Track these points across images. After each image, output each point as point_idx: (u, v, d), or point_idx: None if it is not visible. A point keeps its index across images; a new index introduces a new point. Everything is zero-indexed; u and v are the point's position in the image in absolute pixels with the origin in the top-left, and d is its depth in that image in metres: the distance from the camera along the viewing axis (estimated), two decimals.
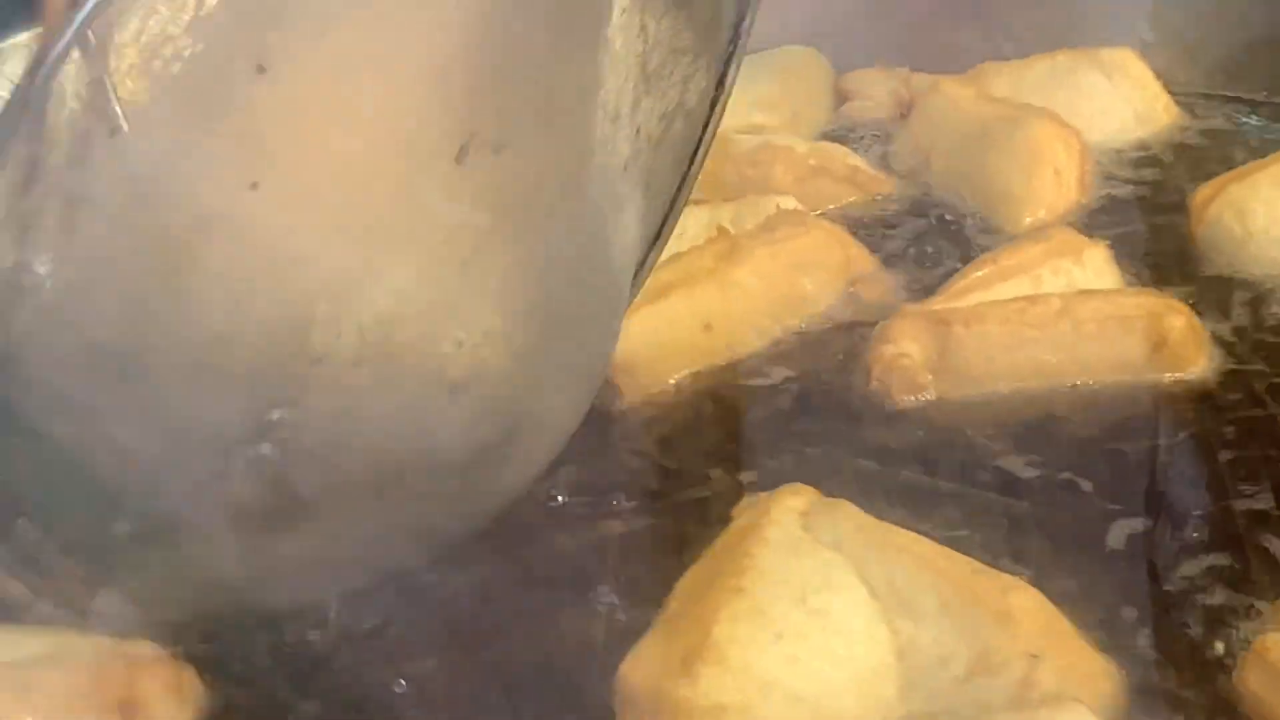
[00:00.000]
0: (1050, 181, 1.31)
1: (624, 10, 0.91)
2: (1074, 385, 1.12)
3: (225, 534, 0.87)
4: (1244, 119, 1.39)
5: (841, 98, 1.49)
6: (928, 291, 1.20)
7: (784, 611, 0.86)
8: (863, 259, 1.25)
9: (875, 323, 1.16)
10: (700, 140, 1.02)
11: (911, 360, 1.12)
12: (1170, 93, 1.44)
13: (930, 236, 1.31)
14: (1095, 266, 1.20)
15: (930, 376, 1.12)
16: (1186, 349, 1.13)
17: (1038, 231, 1.25)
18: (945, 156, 1.39)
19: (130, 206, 0.76)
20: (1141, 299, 1.15)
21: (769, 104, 1.47)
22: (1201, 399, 1.11)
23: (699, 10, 0.97)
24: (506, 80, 0.84)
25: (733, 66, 1.01)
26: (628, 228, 0.97)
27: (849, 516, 0.92)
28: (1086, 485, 1.03)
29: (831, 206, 1.35)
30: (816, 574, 0.88)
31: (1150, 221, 1.32)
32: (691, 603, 0.89)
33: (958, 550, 0.92)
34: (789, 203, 1.29)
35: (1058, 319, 1.12)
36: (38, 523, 0.85)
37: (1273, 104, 1.37)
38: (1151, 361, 1.12)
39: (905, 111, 1.46)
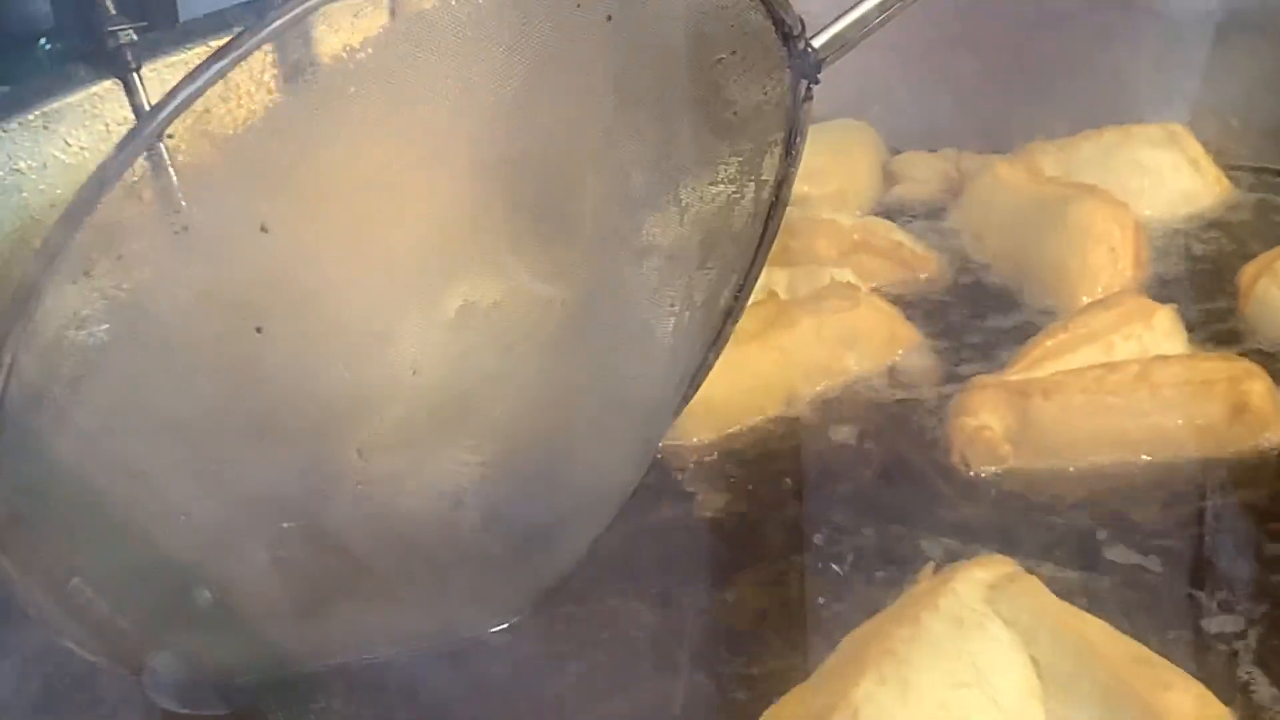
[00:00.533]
0: (1105, 259, 1.31)
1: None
2: (1154, 457, 1.11)
3: (278, 596, 0.88)
4: None
5: (892, 180, 1.49)
6: (988, 368, 1.20)
7: (931, 681, 0.86)
8: (909, 336, 1.26)
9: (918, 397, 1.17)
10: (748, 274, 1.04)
11: (993, 432, 1.11)
12: (1220, 165, 1.44)
13: (989, 313, 1.31)
14: (1165, 330, 1.20)
15: (1010, 448, 1.11)
16: (1267, 413, 1.11)
17: (1106, 298, 1.25)
18: (999, 236, 1.39)
19: (197, 279, 0.78)
20: (1219, 363, 1.15)
21: (817, 176, 1.46)
22: None
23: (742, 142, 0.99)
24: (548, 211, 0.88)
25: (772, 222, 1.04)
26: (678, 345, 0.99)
27: (1032, 592, 0.92)
28: (1175, 567, 1.02)
29: (875, 284, 1.34)
30: (981, 649, 0.88)
31: (1202, 296, 1.31)
32: (846, 659, 0.89)
33: None
34: (844, 275, 1.29)
35: (1136, 385, 1.11)
36: (90, 581, 0.85)
37: None
38: (1233, 427, 1.11)
39: (956, 192, 1.46)
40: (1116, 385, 1.11)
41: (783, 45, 0.97)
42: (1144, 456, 1.11)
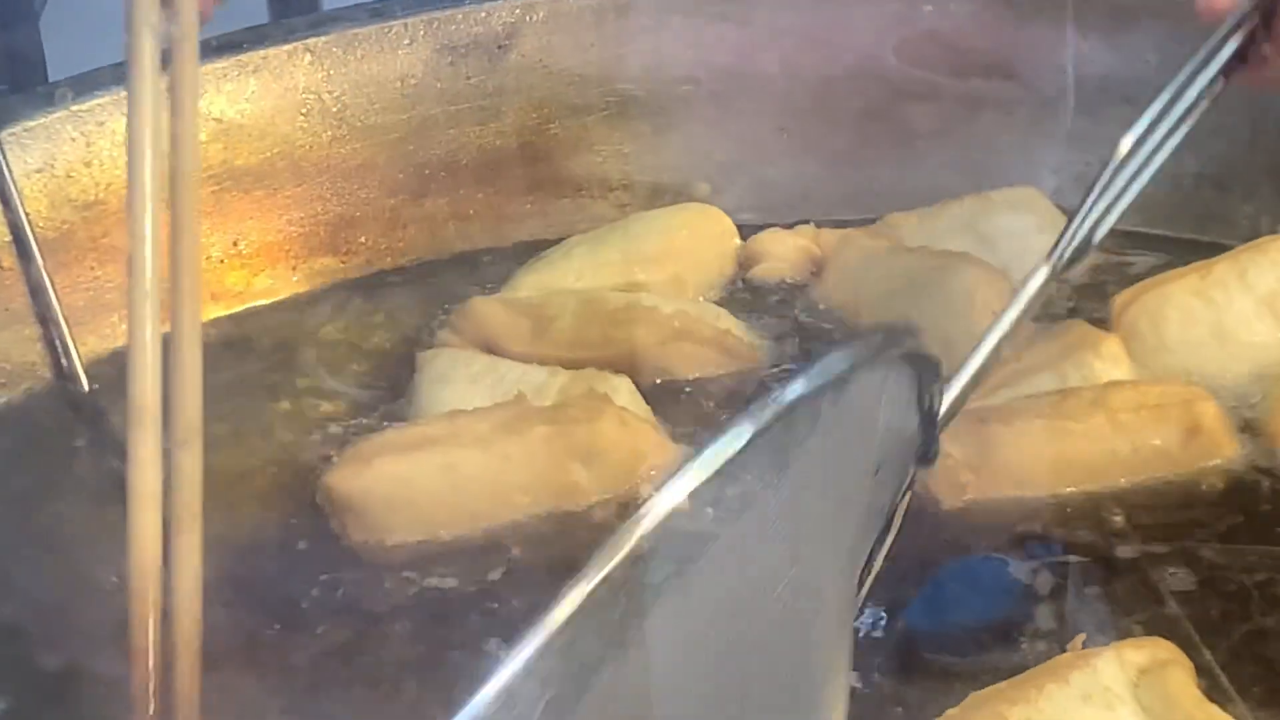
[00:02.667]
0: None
1: None
2: (1112, 482, 1.12)
3: None
4: (1166, 255, 1.38)
5: (752, 260, 1.44)
6: None
7: None
8: (661, 451, 1.18)
9: None
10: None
11: (954, 460, 1.09)
12: None
13: None
14: (1112, 357, 1.21)
15: (971, 476, 1.10)
16: (1219, 434, 1.14)
17: (1053, 327, 1.26)
18: (873, 309, 1.35)
19: None
20: (1169, 388, 1.17)
21: (653, 262, 1.40)
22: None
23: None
24: None
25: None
26: None
27: (1179, 682, 0.90)
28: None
29: (698, 374, 1.30)
30: None
31: None
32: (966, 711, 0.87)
33: None
34: (623, 384, 1.23)
35: (1092, 410, 1.12)
36: None
37: (1201, 242, 1.36)
38: (1187, 449, 1.13)
39: (818, 268, 1.42)
40: (1073, 410, 1.13)
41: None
42: (1103, 482, 1.12)
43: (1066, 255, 1.08)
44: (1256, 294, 1.22)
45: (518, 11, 1.49)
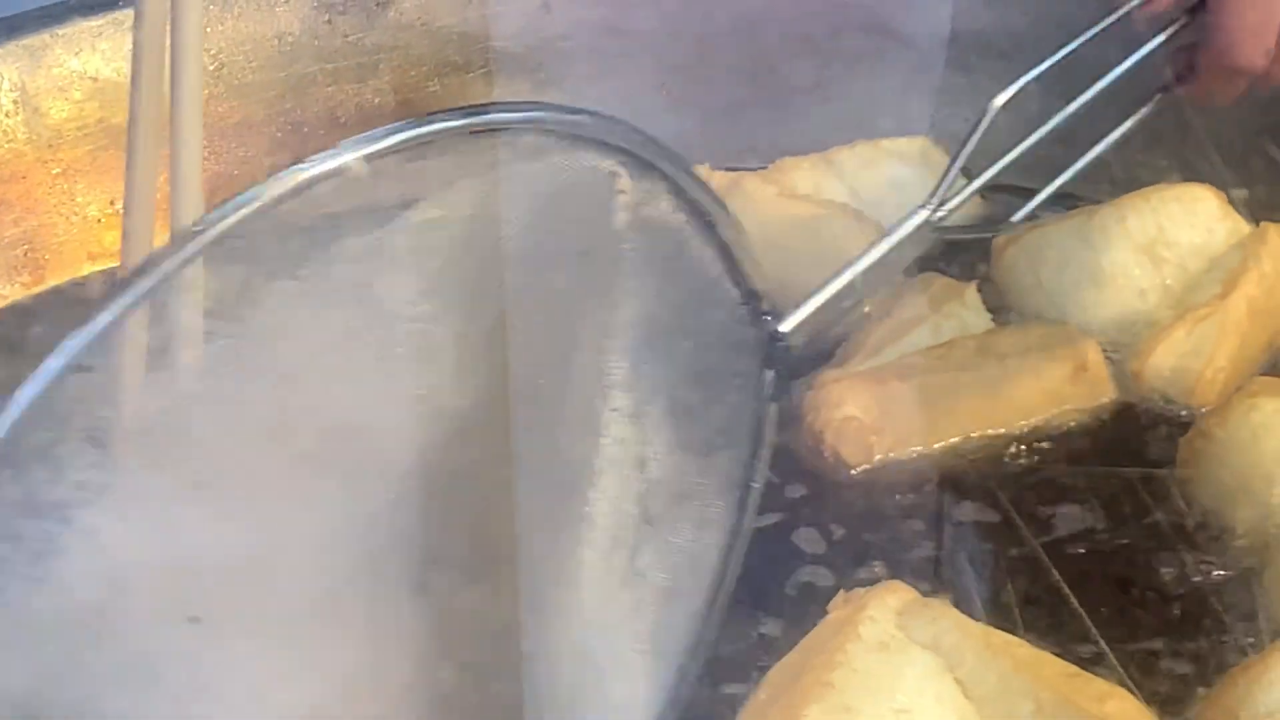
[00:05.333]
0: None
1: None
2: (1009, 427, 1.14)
3: None
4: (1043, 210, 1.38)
5: None
6: None
7: (874, 711, 0.85)
8: None
9: None
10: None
11: (860, 423, 1.11)
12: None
13: None
14: (974, 306, 1.23)
15: (876, 437, 1.11)
16: (1102, 371, 1.17)
17: (914, 281, 1.26)
18: None
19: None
20: (1049, 329, 1.19)
21: None
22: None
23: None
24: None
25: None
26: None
27: (945, 616, 0.90)
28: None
29: None
30: (910, 674, 0.87)
31: None
32: (780, 693, 0.87)
33: None
34: None
35: (981, 358, 1.14)
36: None
37: (1077, 196, 1.35)
38: (1075, 387, 1.15)
39: None
40: (963, 360, 1.14)
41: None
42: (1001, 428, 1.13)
43: (942, 204, 1.12)
44: (1135, 241, 1.24)
45: None
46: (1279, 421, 1.06)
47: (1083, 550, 1.05)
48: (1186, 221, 1.25)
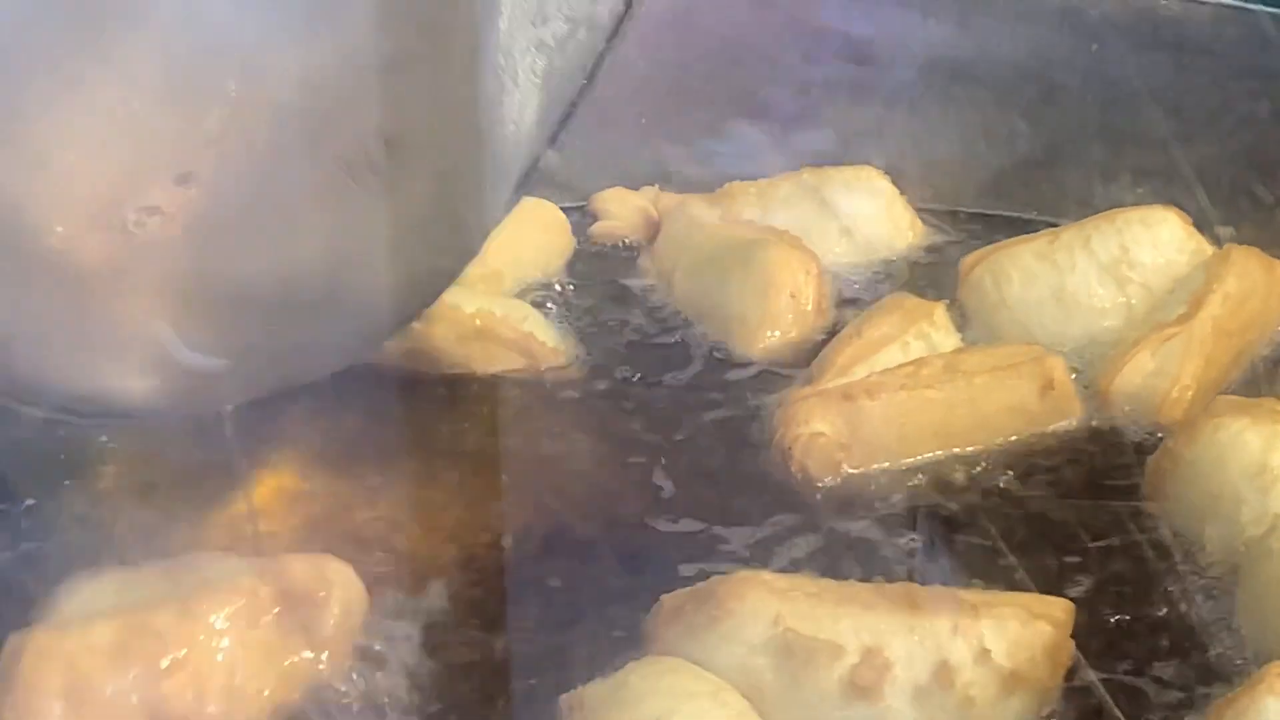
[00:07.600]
0: (786, 305, 1.29)
1: None
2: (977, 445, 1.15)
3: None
4: (999, 236, 1.38)
5: (592, 217, 1.43)
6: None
7: None
8: None
9: None
10: (602, 53, 1.05)
11: (827, 439, 1.11)
12: (915, 209, 1.44)
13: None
14: (944, 326, 1.23)
15: (844, 453, 1.11)
16: (1068, 388, 1.17)
17: (884, 302, 1.26)
18: (687, 279, 1.35)
19: None
20: (1014, 348, 1.20)
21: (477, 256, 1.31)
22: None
23: None
24: None
25: None
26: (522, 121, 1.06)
27: None
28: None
29: (498, 369, 1.26)
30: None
31: None
32: None
33: None
34: None
35: (949, 376, 1.14)
36: None
37: (1037, 221, 1.39)
38: (1043, 404, 1.16)
39: (653, 232, 1.41)
40: (931, 378, 1.14)
41: None
42: (968, 444, 1.14)
43: None
44: (1099, 261, 1.25)
45: None
46: (1245, 441, 1.05)
47: (1053, 566, 1.04)
48: (1150, 242, 1.26)
